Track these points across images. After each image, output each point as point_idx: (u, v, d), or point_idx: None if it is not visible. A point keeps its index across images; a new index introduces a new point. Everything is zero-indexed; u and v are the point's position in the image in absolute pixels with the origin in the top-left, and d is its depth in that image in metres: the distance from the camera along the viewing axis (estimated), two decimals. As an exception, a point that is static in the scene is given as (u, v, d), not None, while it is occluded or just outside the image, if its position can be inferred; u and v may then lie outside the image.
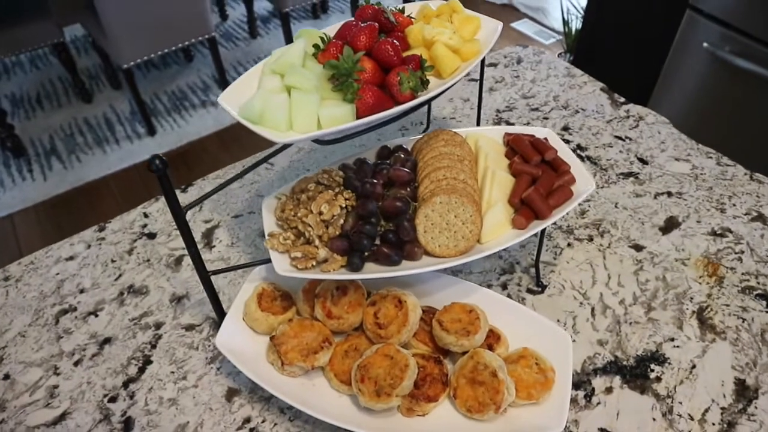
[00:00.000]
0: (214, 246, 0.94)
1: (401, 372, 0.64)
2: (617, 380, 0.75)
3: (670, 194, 1.00)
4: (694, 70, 1.92)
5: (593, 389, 0.75)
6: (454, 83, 0.74)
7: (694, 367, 0.77)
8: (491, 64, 1.32)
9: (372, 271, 0.68)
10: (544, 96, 1.22)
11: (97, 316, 0.84)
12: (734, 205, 0.98)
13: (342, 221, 0.71)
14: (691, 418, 0.71)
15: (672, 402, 0.73)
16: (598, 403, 0.73)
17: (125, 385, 0.76)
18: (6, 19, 2.39)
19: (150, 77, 3.11)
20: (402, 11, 0.84)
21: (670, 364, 0.77)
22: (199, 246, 0.92)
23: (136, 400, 0.75)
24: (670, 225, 0.95)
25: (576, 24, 2.84)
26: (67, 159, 2.61)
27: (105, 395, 0.75)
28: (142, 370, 0.78)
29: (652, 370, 0.76)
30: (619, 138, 1.12)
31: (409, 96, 0.70)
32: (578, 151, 1.09)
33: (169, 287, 0.88)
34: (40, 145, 2.68)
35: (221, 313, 0.77)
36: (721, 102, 1.86)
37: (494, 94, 1.23)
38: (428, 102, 0.75)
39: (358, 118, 0.67)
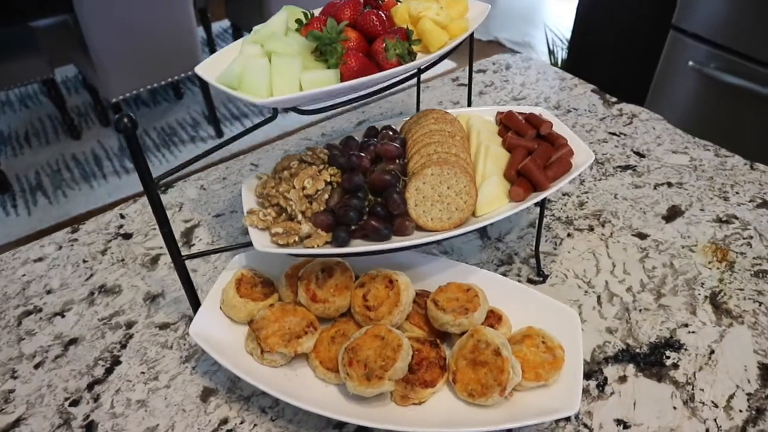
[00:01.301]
0: (193, 245, 0.89)
1: (393, 353, 0.58)
2: (631, 368, 0.69)
3: (670, 185, 0.97)
4: (681, 88, 1.93)
5: (605, 378, 0.68)
6: (444, 54, 0.71)
7: (712, 352, 0.71)
8: (480, 71, 1.30)
9: (360, 247, 0.63)
10: (535, 98, 1.20)
11: (63, 316, 0.78)
12: (737, 193, 0.94)
13: (327, 196, 0.66)
14: (716, 406, 0.65)
15: (693, 389, 0.67)
16: (612, 393, 0.66)
17: (90, 387, 0.69)
18: (-5, 54, 2.40)
19: (140, 114, 3.10)
20: (388, -5, 0.82)
21: (686, 350, 0.71)
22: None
23: (100, 402, 0.67)
24: (673, 213, 0.91)
25: (562, 54, 2.89)
26: (53, 194, 2.56)
27: (66, 398, 0.68)
28: (109, 371, 0.71)
29: (668, 357, 0.70)
30: (614, 134, 1.09)
31: (396, 63, 0.66)
32: (573, 147, 1.05)
33: (144, 286, 0.82)
34: (25, 181, 2.64)
35: (197, 305, 0.70)
36: (711, 117, 1.86)
37: (484, 97, 1.21)
38: (417, 75, 0.72)
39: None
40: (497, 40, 3.67)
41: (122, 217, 0.94)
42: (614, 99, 1.20)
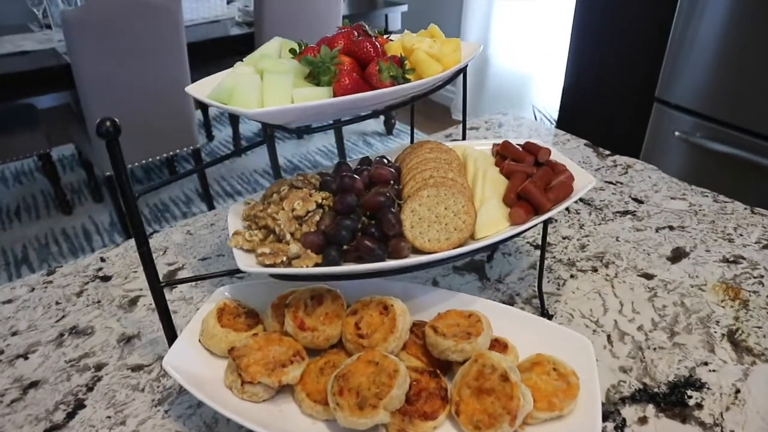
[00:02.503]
0: (176, 286, 0.83)
1: (389, 379, 0.52)
2: (651, 409, 0.63)
3: (672, 228, 0.94)
4: (669, 157, 1.96)
5: (624, 420, 0.61)
6: (438, 83, 0.71)
7: (738, 391, 0.64)
8: (473, 128, 1.32)
9: (352, 267, 0.59)
10: (528, 151, 1.21)
11: (26, 358, 0.71)
12: (741, 235, 0.92)
13: (317, 218, 0.63)
14: (750, 448, 0.58)
15: (722, 431, 0.60)
16: (633, 436, 0.60)
17: (46, 433, 0.61)
18: (-6, 129, 2.43)
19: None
20: (382, 35, 0.84)
21: (709, 389, 0.65)
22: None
23: (57, 450, 0.59)
24: (678, 255, 0.88)
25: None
26: (38, 267, 2.49)
27: (18, 446, 0.60)
28: (71, 416, 0.63)
29: (690, 397, 0.64)
30: (610, 182, 1.08)
31: (390, 84, 0.66)
32: (569, 195, 1.04)
33: (119, 327, 0.76)
34: (11, 254, 2.58)
35: (173, 338, 0.64)
36: (702, 184, 1.88)
37: (478, 151, 1.21)
38: (411, 103, 0.71)
39: (335, 102, 0.62)
40: (487, 123, 3.80)
41: (102, 260, 0.90)
42: (607, 152, 1.20)
